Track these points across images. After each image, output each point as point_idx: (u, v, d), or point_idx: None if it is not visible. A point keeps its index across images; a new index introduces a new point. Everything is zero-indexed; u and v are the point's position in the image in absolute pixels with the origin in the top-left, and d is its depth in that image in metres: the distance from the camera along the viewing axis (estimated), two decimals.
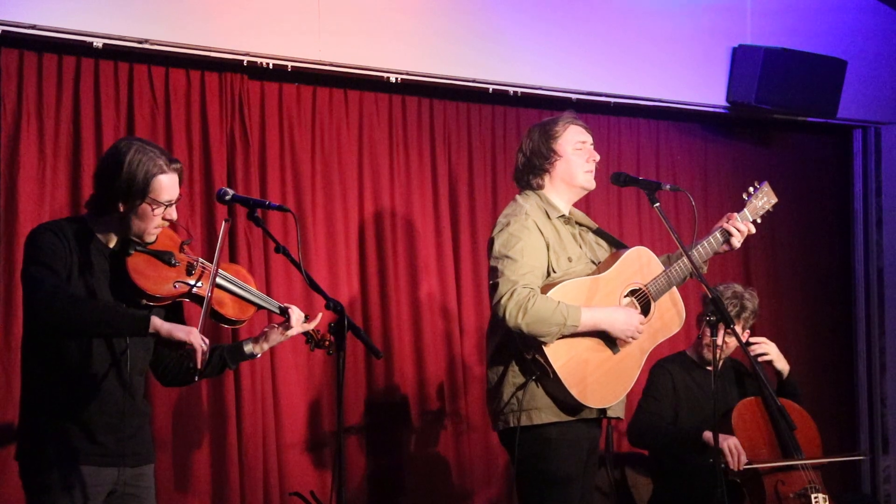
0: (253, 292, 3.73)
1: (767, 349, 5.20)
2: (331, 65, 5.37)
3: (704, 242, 4.44)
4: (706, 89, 6.50)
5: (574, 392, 4.15)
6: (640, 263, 4.39)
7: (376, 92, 5.66)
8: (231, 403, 5.14)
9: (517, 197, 4.40)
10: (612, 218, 6.36)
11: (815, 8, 6.91)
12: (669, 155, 6.66)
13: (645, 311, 4.34)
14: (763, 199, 4.60)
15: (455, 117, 5.92)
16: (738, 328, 4.99)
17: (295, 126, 5.44)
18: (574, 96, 6.07)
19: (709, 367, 5.11)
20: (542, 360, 4.13)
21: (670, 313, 4.42)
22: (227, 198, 3.75)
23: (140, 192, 3.46)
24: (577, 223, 4.44)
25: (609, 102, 6.28)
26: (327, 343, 3.81)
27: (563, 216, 4.36)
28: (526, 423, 4.16)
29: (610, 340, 4.25)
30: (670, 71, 6.34)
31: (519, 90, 5.93)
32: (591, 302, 4.23)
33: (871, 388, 7.24)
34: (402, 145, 5.75)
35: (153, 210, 3.49)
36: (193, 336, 3.38)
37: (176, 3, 5.00)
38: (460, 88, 5.81)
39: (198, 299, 3.59)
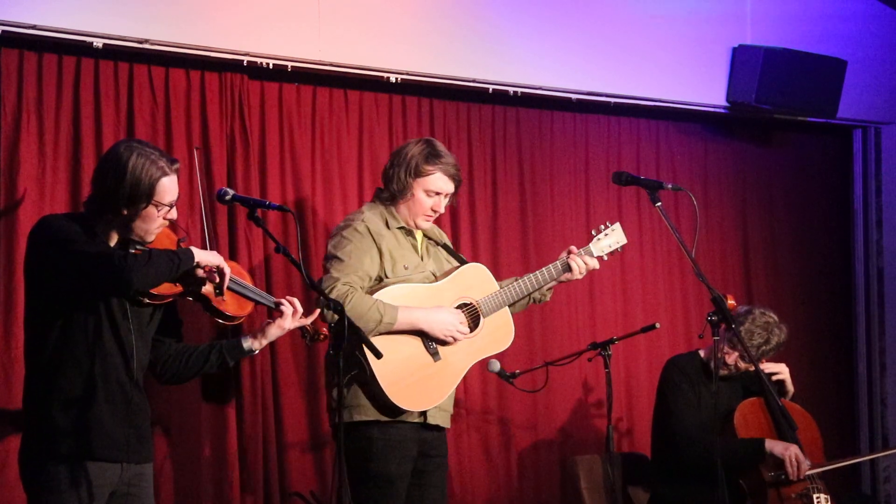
0: (249, 288, 3.75)
1: (780, 369, 5.19)
2: (331, 65, 5.37)
3: (544, 270, 4.62)
4: (706, 89, 6.50)
5: (388, 392, 4.26)
6: (478, 280, 4.57)
7: (376, 92, 5.65)
8: (231, 403, 5.14)
9: (363, 206, 4.57)
10: (612, 218, 6.33)
11: (815, 8, 6.91)
12: (669, 155, 6.66)
13: (474, 325, 4.48)
14: (612, 239, 4.77)
15: (455, 117, 5.91)
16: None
17: (295, 126, 5.43)
18: (574, 96, 6.08)
19: (722, 372, 5.12)
20: (361, 358, 4.22)
21: (501, 332, 4.58)
22: (227, 198, 3.78)
23: (145, 195, 3.49)
24: (426, 237, 4.59)
25: (609, 102, 6.28)
26: (322, 336, 3.85)
27: (403, 227, 4.50)
28: (347, 419, 4.26)
29: (431, 348, 4.39)
30: (670, 71, 6.34)
31: (519, 90, 5.93)
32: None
33: (871, 388, 7.23)
34: None
35: (158, 212, 3.51)
36: (221, 260, 3.59)
37: (176, 3, 4.99)
38: (460, 88, 5.81)
39: (196, 296, 3.60)
